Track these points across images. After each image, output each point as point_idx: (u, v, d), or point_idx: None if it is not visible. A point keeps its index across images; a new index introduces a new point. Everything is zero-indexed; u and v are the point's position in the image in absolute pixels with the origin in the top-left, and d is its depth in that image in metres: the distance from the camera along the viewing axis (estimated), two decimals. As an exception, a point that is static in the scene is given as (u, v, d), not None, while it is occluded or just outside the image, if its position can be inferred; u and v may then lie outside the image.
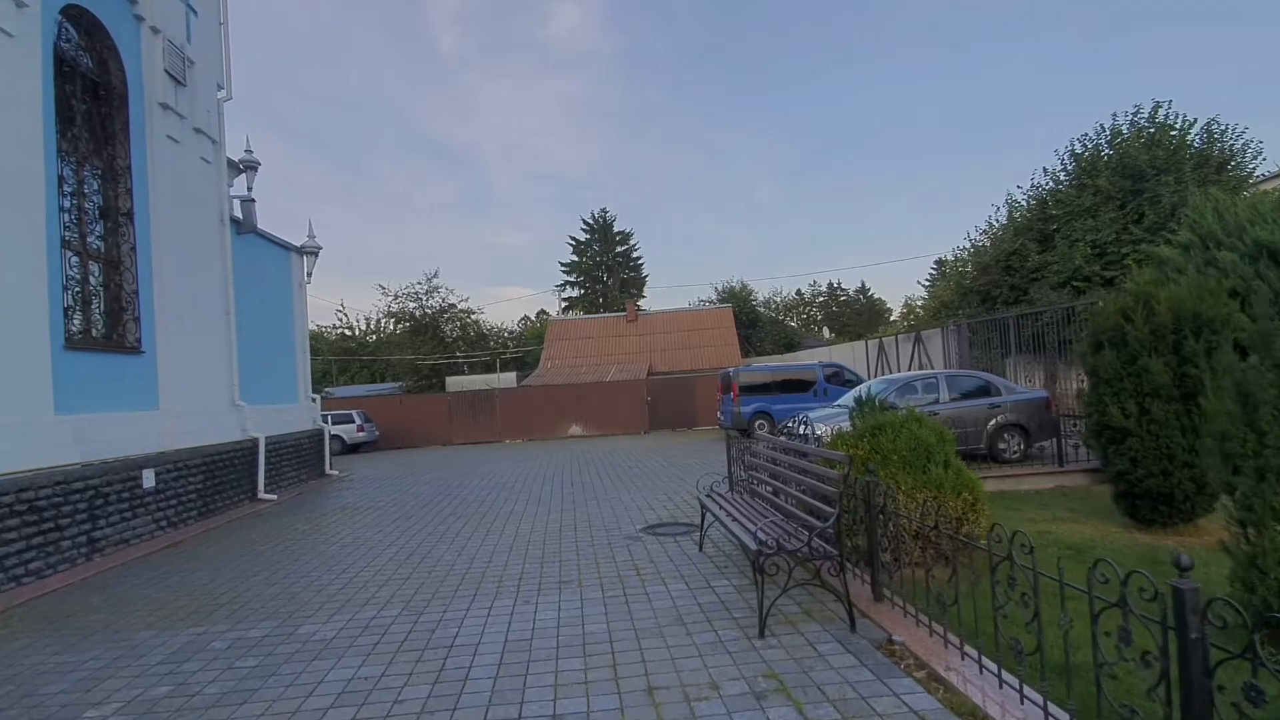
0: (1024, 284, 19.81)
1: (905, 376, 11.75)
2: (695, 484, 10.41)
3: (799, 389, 19.14)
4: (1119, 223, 18.15)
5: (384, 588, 5.84)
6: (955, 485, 5.85)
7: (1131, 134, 19.45)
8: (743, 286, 47.42)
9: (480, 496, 10.81)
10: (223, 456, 10.38)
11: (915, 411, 6.47)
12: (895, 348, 21.38)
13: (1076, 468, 9.76)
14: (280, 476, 12.29)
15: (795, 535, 4.43)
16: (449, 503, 10.34)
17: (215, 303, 10.86)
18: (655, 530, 7.52)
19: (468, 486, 12.10)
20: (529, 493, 10.91)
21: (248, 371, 11.60)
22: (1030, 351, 16.84)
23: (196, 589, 6.19)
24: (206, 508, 9.79)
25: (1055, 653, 3.18)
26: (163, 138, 9.89)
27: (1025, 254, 19.81)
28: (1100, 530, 6.91)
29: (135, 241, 9.15)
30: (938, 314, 22.74)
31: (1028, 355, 16.82)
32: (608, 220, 55.47)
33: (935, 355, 19.01)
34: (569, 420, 25.10)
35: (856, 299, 74.18)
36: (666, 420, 24.92)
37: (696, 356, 31.48)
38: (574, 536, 7.46)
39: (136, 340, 9.00)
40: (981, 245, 22.47)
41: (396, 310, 38.10)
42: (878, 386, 11.09)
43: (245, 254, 12.18)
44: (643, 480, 11.62)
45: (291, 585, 6.11)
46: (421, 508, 10.01)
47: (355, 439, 23.09)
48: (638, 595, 5.20)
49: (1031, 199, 21.37)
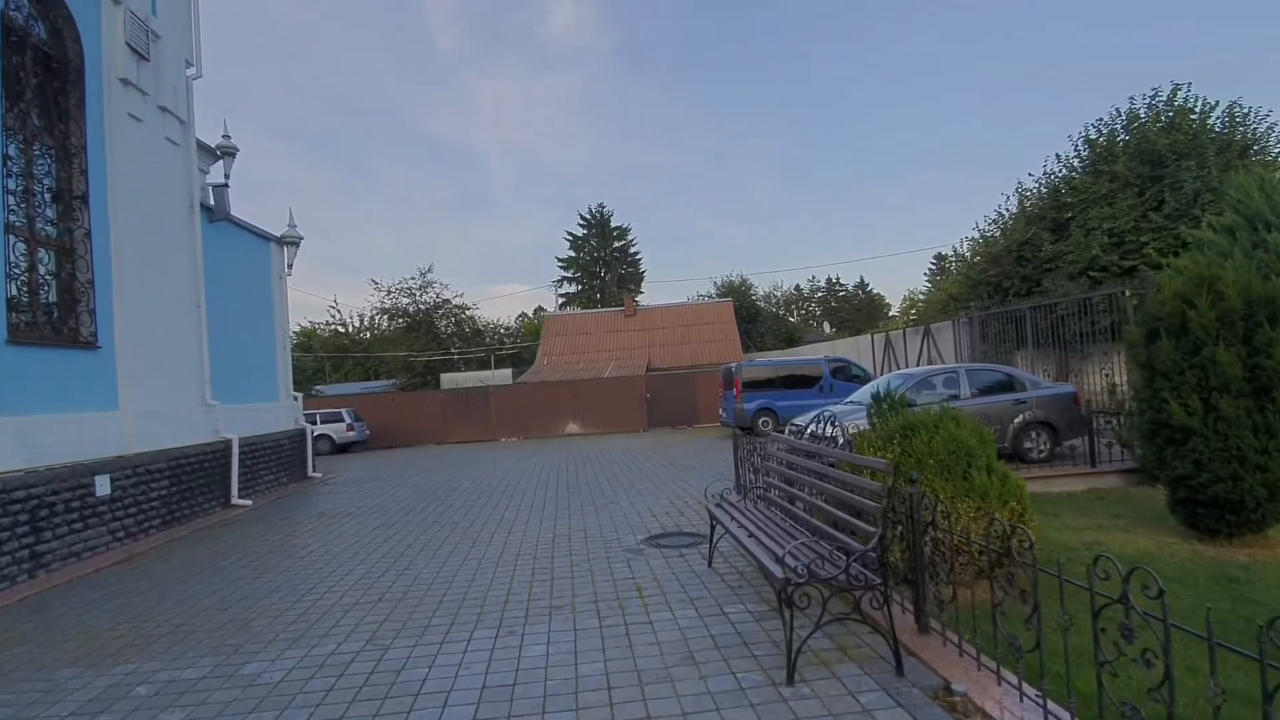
0: (1037, 275, 19.09)
1: (923, 371, 11.03)
2: (699, 487, 9.72)
3: (804, 385, 18.43)
4: (1137, 210, 17.43)
5: (350, 613, 5.12)
6: (1001, 493, 5.15)
7: (1150, 118, 18.73)
8: (742, 281, 46.69)
9: (469, 501, 10.09)
10: (191, 460, 9.65)
11: (949, 409, 5.76)
12: (903, 342, 20.67)
13: (1110, 468, 9.06)
14: (257, 480, 11.56)
15: (829, 559, 3.71)
16: (434, 509, 9.62)
17: (184, 294, 10.10)
18: (658, 541, 6.81)
19: (457, 490, 11.38)
20: (521, 497, 10.20)
21: (221, 368, 10.86)
22: (1042, 345, 16.17)
23: (140, 614, 5.47)
24: (172, 516, 9.06)
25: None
26: (123, 115, 9.13)
27: (1038, 244, 19.08)
28: (1155, 540, 6.21)
29: (91, 227, 8.40)
30: (946, 307, 22.03)
31: (1038, 349, 16.15)
32: (605, 215, 54.68)
33: (946, 349, 18.30)
34: (565, 418, 24.38)
35: (855, 294, 73.76)
36: (666, 417, 24.20)
37: (696, 352, 30.75)
38: (568, 548, 6.74)
39: (92, 334, 8.26)
40: (991, 235, 21.73)
41: (389, 306, 37.30)
42: (894, 381, 10.38)
43: (219, 243, 11.43)
44: (643, 482, 10.91)
45: (247, 609, 5.39)
46: (404, 514, 9.29)
47: (345, 438, 22.36)
48: (640, 624, 4.49)
49: (1044, 187, 20.64)
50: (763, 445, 8.17)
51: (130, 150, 9.19)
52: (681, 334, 32.44)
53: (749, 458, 8.55)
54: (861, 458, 4.31)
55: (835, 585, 3.51)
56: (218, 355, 10.80)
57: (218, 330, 10.93)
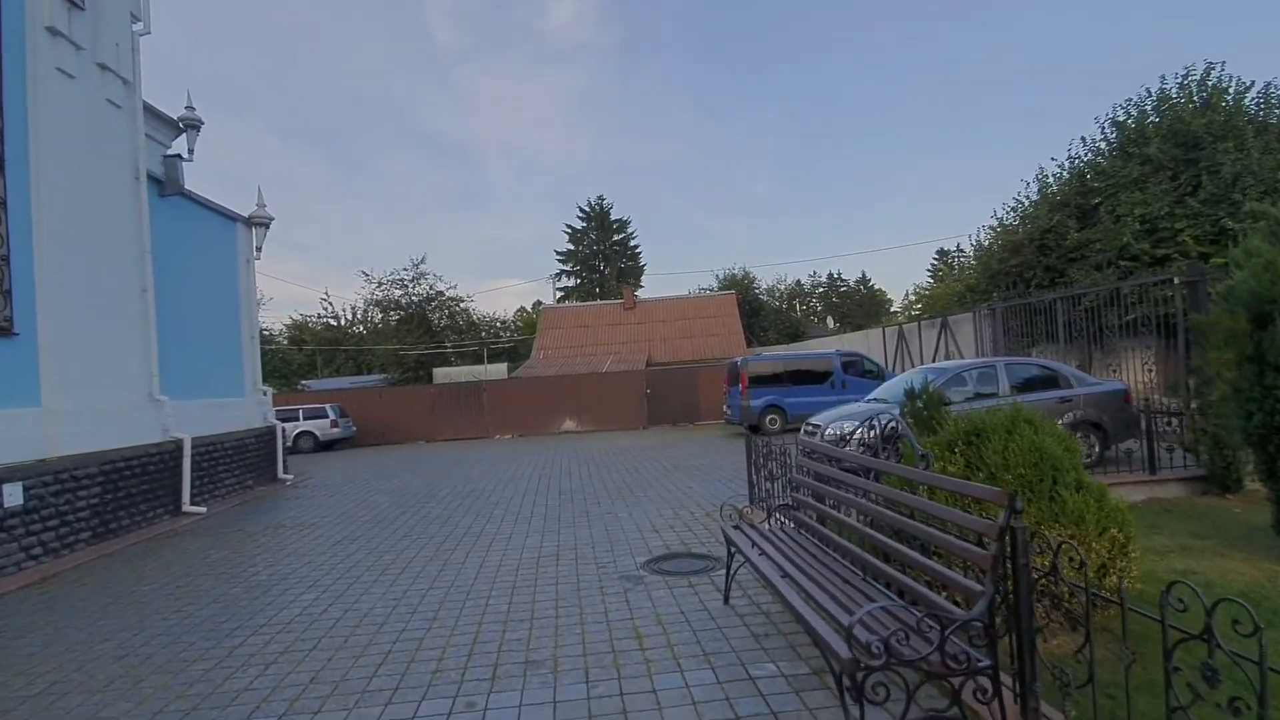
0: (1060, 264, 17.99)
1: (955, 365, 9.94)
2: (707, 494, 8.64)
3: (813, 380, 17.35)
4: (1171, 195, 16.31)
5: (272, 668, 4.02)
6: (1099, 518, 4.07)
7: (1182, 98, 17.61)
8: (745, 274, 45.51)
9: (448, 510, 9.00)
10: (131, 463, 8.54)
11: (1024, 409, 4.67)
12: (918, 335, 19.57)
13: (1171, 475, 7.99)
14: (215, 484, 10.45)
15: (914, 628, 2.61)
16: (408, 518, 8.54)
17: (126, 276, 8.98)
18: (662, 566, 5.72)
19: (437, 495, 10.29)
20: (507, 505, 9.11)
21: (174, 360, 9.76)
22: (1075, 338, 15.10)
23: (12, 664, 4.37)
24: (105, 528, 7.96)
25: None
26: (50, 70, 8.00)
27: (1063, 231, 17.98)
28: (1257, 568, 5.12)
29: (7, 195, 7.27)
30: (962, 299, 20.93)
31: (1067, 343, 15.10)
32: (604, 208, 53.47)
33: (965, 342, 17.20)
34: (562, 414, 23.28)
35: (857, 289, 72.76)
36: (667, 414, 23.11)
37: (698, 346, 29.63)
38: (554, 574, 5.65)
39: (6, 319, 7.14)
40: (1010, 224, 20.60)
41: (380, 298, 36.12)
42: (929, 376, 9.27)
43: (174, 222, 10.30)
44: (643, 488, 9.83)
45: (147, 660, 4.29)
46: (373, 526, 8.20)
47: (329, 435, 21.26)
48: (640, 692, 3.40)
49: (1067, 172, 19.52)
50: (781, 449, 7.09)
51: (60, 110, 8.06)
52: (683, 327, 31.32)
53: (764, 463, 7.48)
54: (956, 482, 3.19)
55: (926, 668, 2.42)
56: (170, 345, 9.68)
57: (170, 317, 9.82)
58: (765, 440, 7.31)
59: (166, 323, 9.66)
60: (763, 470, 7.52)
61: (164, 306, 9.62)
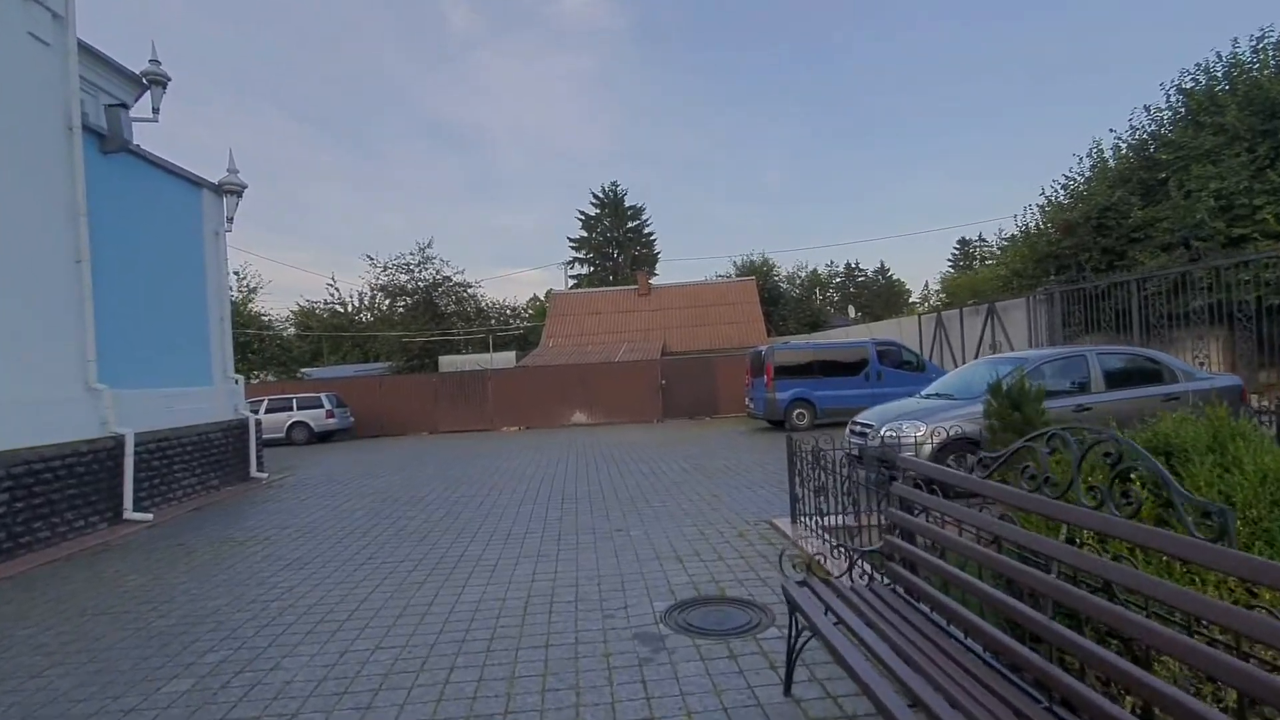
0: (1121, 245, 16.27)
1: (1036, 355, 8.36)
2: (738, 506, 7.06)
3: (846, 371, 15.81)
4: (1249, 169, 14.55)
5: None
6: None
7: (1258, 63, 15.80)
8: (764, 261, 43.83)
9: (430, 521, 7.62)
10: (54, 464, 7.22)
11: (1242, 421, 3.18)
12: (959, 323, 17.93)
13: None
14: (170, 486, 9.15)
15: None
16: (382, 531, 7.17)
17: (53, 243, 7.63)
18: (689, 618, 4.27)
19: (424, 500, 8.93)
20: (499, 517, 7.72)
21: (120, 343, 8.44)
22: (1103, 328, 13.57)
23: None
24: (15, 542, 6.65)
25: None
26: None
27: (1124, 209, 16.24)
28: None
29: (-115, 138, 5.94)
30: (1007, 284, 19.24)
31: (1104, 332, 13.58)
32: (619, 194, 51.87)
33: (1016, 331, 15.59)
34: (571, 406, 21.89)
35: (875, 280, 70.87)
36: (683, 406, 21.65)
37: (716, 334, 28.10)
38: (544, 628, 4.23)
39: (-119, 290, 5.82)
40: (1062, 202, 18.83)
41: (386, 283, 34.83)
42: (999, 367, 7.74)
43: (120, 182, 8.95)
44: (660, 495, 8.40)
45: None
46: (336, 542, 6.83)
47: (324, 426, 20.02)
48: None
49: (1128, 145, 17.73)
50: (832, 455, 5.62)
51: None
52: (700, 314, 29.77)
53: (813, 472, 6.02)
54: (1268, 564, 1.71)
55: None
56: (115, 327, 8.37)
57: (116, 294, 8.50)
58: (813, 444, 5.84)
59: (110, 300, 8.34)
60: (808, 481, 6.07)
61: (107, 281, 8.29)
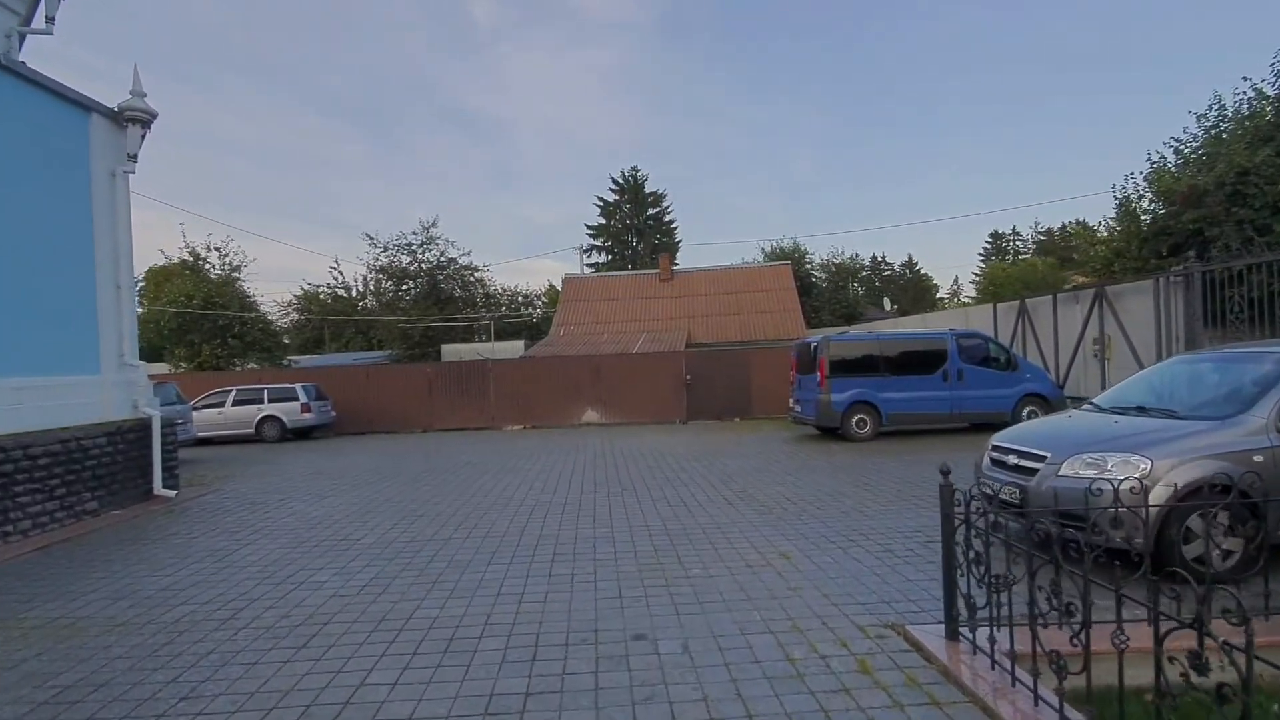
0: (1262, 219, 13.14)
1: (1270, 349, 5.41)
2: (824, 583, 3.76)
3: (918, 369, 12.85)
4: None
5: None
6: None
7: None
8: (795, 247, 40.65)
9: (341, 604, 4.91)
10: None
11: None
12: (1051, 311, 14.87)
13: None
14: (8, 512, 6.53)
15: None
16: (267, 616, 4.47)
17: None
18: None
19: (352, 549, 6.23)
20: (447, 593, 4.98)
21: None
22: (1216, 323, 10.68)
23: None
24: None
25: None
26: None
27: (1270, 173, 13.08)
28: None
29: None
30: (1108, 265, 16.14)
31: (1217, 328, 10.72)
32: (639, 180, 48.94)
33: (1136, 321, 12.54)
34: (582, 403, 19.16)
35: (902, 273, 67.70)
36: (710, 406, 18.82)
37: (747, 325, 25.16)
38: None
39: None
40: (1171, 170, 15.63)
41: (386, 264, 32.22)
42: (1247, 368, 4.84)
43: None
44: (701, 551, 5.60)
45: None
46: (175, 638, 4.14)
47: (299, 421, 17.49)
48: None
49: (1261, 98, 14.50)
50: (1042, 529, 2.78)
51: None
52: (729, 302, 26.81)
53: (983, 548, 3.15)
54: None
55: None
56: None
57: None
58: (994, 514, 3.02)
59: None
60: (993, 578, 3.25)
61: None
